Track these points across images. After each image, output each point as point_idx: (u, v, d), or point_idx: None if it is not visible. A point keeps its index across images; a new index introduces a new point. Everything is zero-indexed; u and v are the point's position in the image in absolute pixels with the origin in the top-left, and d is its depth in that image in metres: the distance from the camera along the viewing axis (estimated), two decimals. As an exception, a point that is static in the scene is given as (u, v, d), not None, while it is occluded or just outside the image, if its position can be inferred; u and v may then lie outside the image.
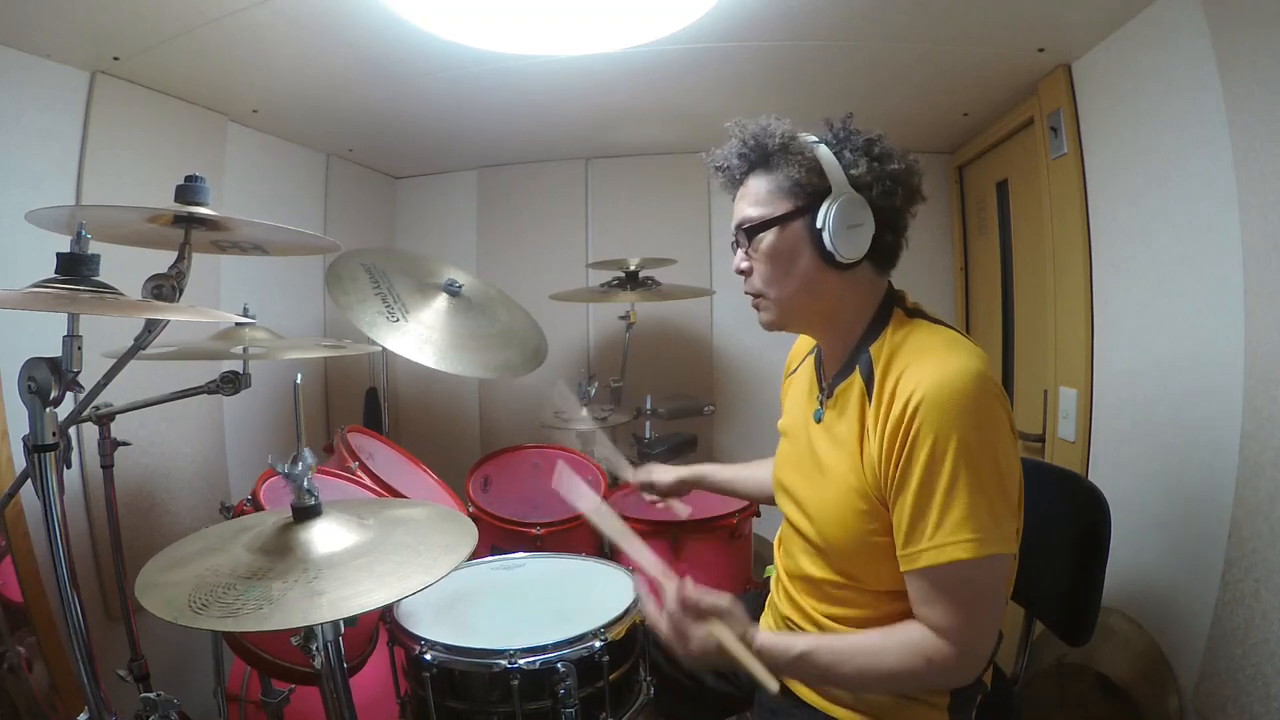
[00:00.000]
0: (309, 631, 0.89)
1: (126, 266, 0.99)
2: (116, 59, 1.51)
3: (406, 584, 0.82)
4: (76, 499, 1.53)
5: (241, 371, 1.38)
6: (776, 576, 1.18)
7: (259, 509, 1.25)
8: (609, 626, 1.04)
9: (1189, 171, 1.33)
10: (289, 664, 1.21)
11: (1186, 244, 1.35)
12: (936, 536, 0.84)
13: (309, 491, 0.92)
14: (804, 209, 0.96)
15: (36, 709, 1.31)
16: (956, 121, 2.20)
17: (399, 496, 1.53)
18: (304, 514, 0.92)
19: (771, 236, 0.98)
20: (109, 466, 1.37)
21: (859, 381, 0.97)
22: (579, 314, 2.73)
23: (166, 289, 0.98)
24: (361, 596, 0.79)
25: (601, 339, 2.74)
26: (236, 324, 1.41)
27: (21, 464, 1.11)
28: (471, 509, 1.71)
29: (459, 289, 1.97)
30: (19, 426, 1.02)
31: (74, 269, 0.85)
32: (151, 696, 1.07)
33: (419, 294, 1.90)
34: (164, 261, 1.02)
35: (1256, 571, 1.15)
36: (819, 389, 1.08)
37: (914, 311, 1.01)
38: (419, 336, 1.76)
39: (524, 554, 1.40)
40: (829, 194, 0.94)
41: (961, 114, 2.12)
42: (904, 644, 0.88)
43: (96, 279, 0.87)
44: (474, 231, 2.81)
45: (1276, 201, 1.11)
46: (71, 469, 1.31)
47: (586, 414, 2.13)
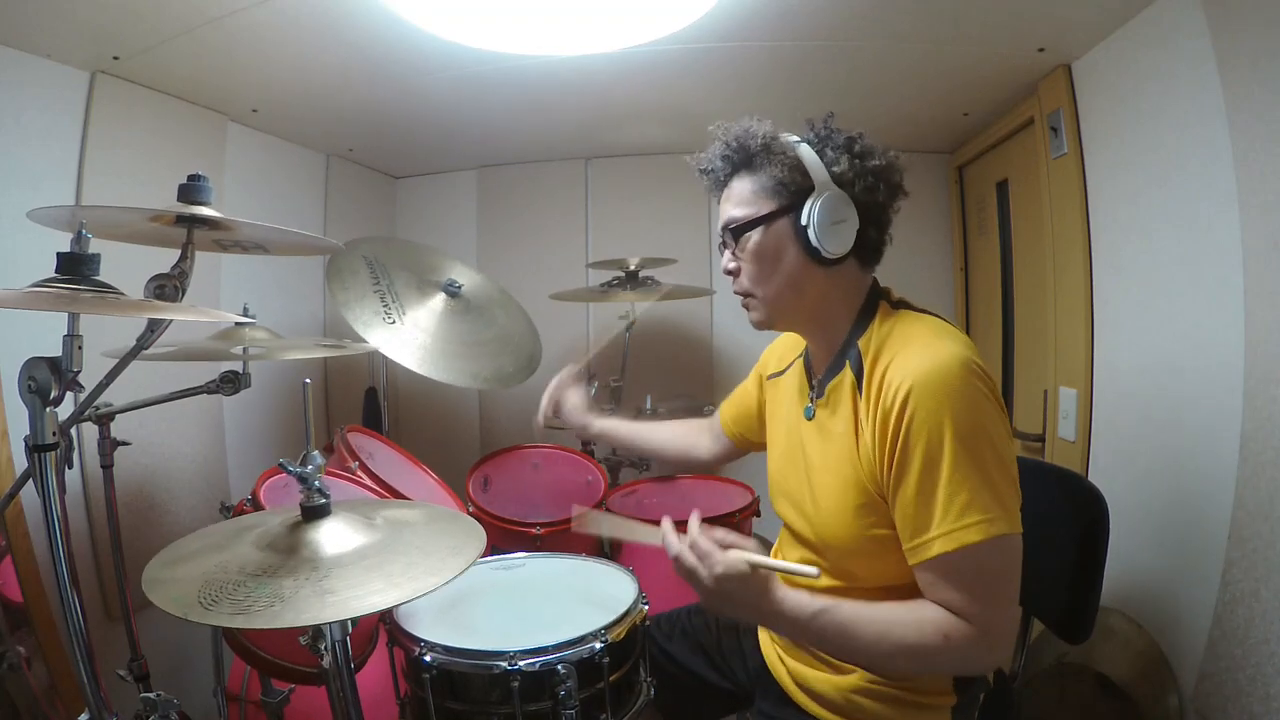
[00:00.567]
0: (317, 631, 0.89)
1: (126, 266, 0.99)
2: (116, 59, 1.51)
3: (417, 585, 0.81)
4: (76, 499, 1.53)
5: (241, 371, 1.38)
6: None
7: (259, 509, 1.25)
8: (609, 627, 1.03)
9: (1189, 171, 1.33)
10: (289, 664, 1.21)
11: (1186, 244, 1.35)
12: (944, 523, 0.84)
13: (319, 491, 0.92)
14: (788, 207, 0.97)
15: (36, 709, 1.31)
16: (956, 121, 2.20)
17: (399, 496, 1.53)
18: (313, 513, 0.92)
19: (757, 235, 0.99)
20: (109, 466, 1.37)
21: (849, 375, 0.98)
22: (579, 314, 2.73)
23: (169, 289, 0.98)
24: (373, 596, 0.79)
25: (601, 339, 2.74)
26: (236, 324, 1.41)
27: (22, 464, 1.12)
28: (471, 509, 1.70)
29: (458, 289, 1.97)
30: (19, 426, 1.02)
31: (74, 269, 0.85)
32: (151, 696, 1.07)
33: (418, 291, 1.89)
34: (164, 260, 1.01)
35: (1256, 571, 1.15)
36: (809, 388, 1.08)
37: (899, 304, 1.02)
38: (413, 340, 1.75)
39: (524, 554, 1.40)
40: (812, 191, 0.96)
41: (961, 114, 2.12)
42: (922, 619, 0.87)
43: (97, 278, 0.87)
44: (474, 231, 2.81)
45: (1276, 201, 1.11)
46: (72, 469, 1.31)
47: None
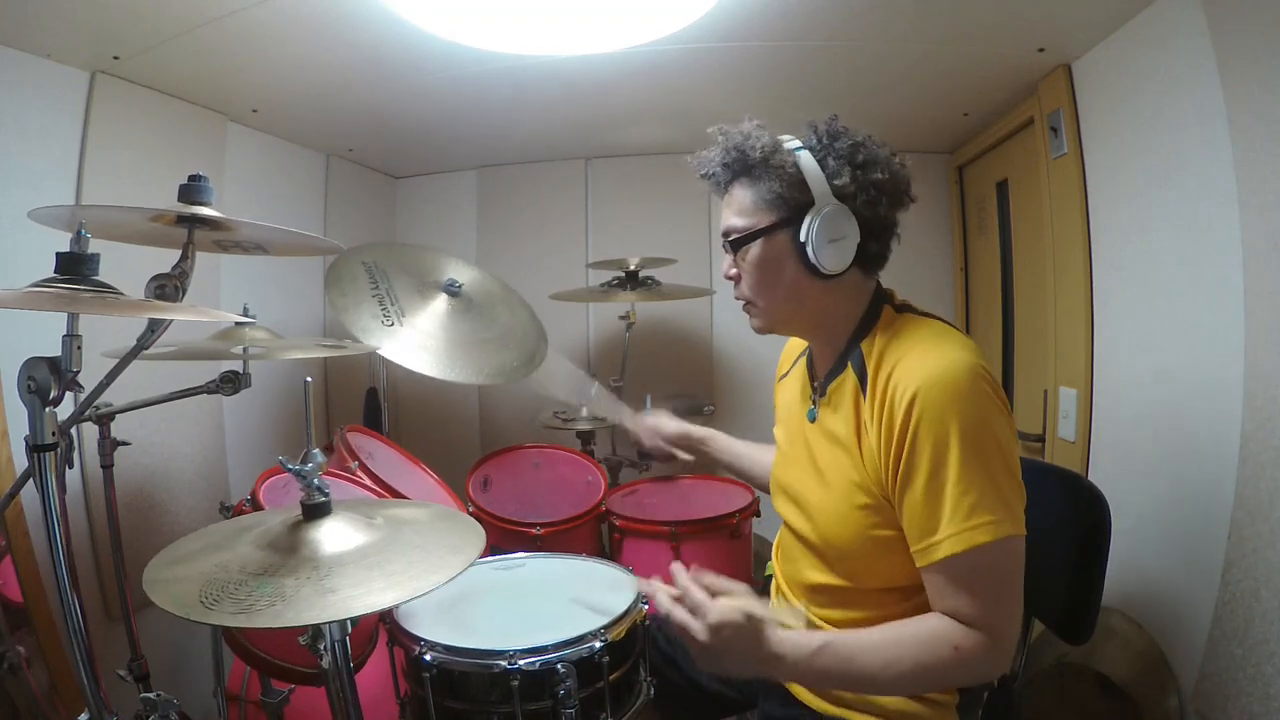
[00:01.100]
0: (316, 631, 0.89)
1: (126, 266, 0.99)
2: (116, 59, 1.51)
3: (419, 584, 0.81)
4: (76, 499, 1.53)
5: (241, 371, 1.38)
6: (775, 585, 1.18)
7: (258, 509, 1.25)
8: (609, 627, 1.03)
9: (1189, 171, 1.33)
10: (289, 664, 1.21)
11: (1186, 244, 1.35)
12: (953, 525, 0.84)
13: (320, 489, 0.92)
14: (787, 220, 0.96)
15: (36, 709, 1.31)
16: (956, 121, 2.19)
17: (399, 496, 1.53)
18: (314, 512, 0.92)
19: (756, 248, 0.98)
20: (109, 466, 1.37)
21: (852, 377, 0.98)
22: (579, 314, 2.73)
23: (170, 289, 0.98)
24: (374, 595, 0.79)
25: (601, 339, 2.75)
26: (236, 324, 1.41)
27: (22, 464, 1.12)
28: (471, 509, 1.70)
29: (459, 289, 1.97)
30: (19, 426, 1.02)
31: (74, 268, 0.85)
32: (151, 696, 1.07)
33: (418, 295, 1.89)
34: (164, 260, 1.01)
35: (1256, 571, 1.15)
36: (811, 389, 1.08)
37: (902, 307, 1.02)
38: (414, 342, 1.75)
39: (524, 554, 1.40)
40: (812, 206, 0.94)
41: (961, 114, 2.12)
42: (929, 633, 0.86)
43: (97, 278, 0.87)
44: (474, 231, 2.81)
45: (1276, 201, 1.11)
46: (72, 469, 1.31)
47: (586, 413, 2.13)
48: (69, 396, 0.89)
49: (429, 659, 1.00)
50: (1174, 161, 1.37)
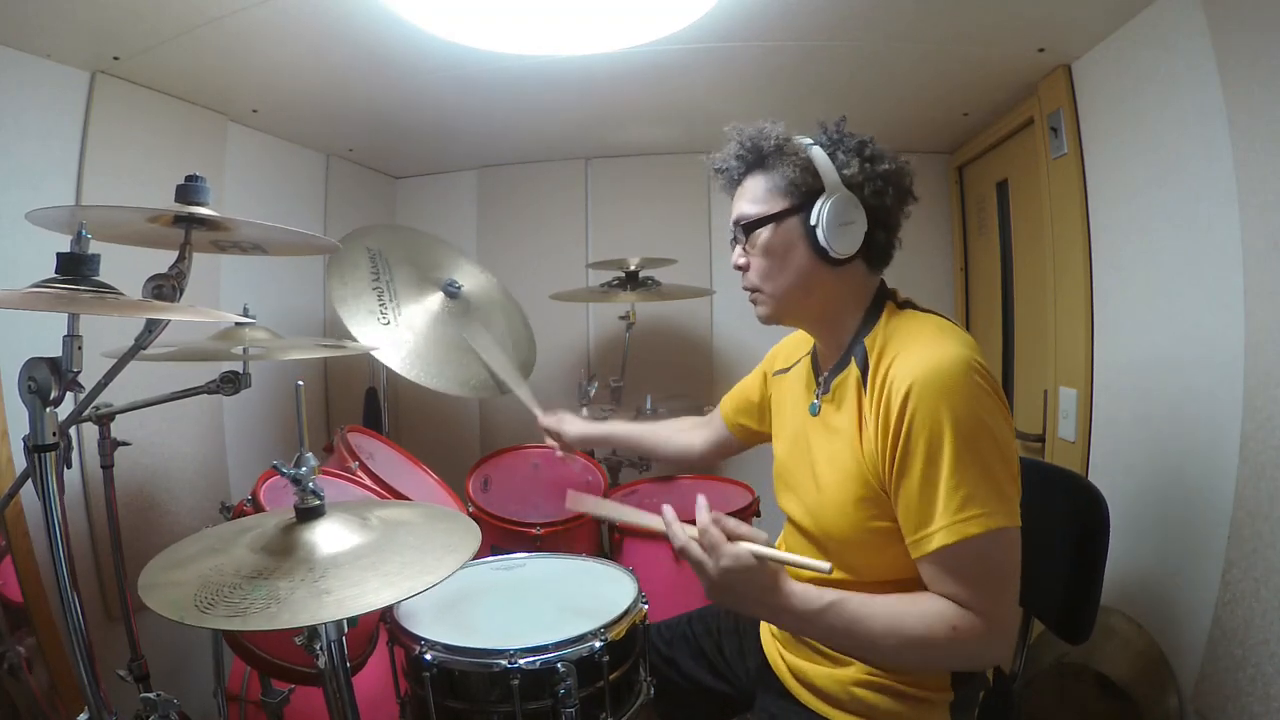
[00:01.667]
0: (312, 631, 0.89)
1: (126, 266, 0.99)
2: (116, 59, 1.51)
3: (413, 583, 0.81)
4: (76, 499, 1.53)
5: (241, 371, 1.38)
6: None
7: (259, 509, 1.25)
8: (609, 626, 1.04)
9: (1189, 171, 1.33)
10: (289, 664, 1.21)
11: (1186, 244, 1.35)
12: (945, 517, 0.85)
13: (313, 492, 0.92)
14: (799, 206, 1.00)
15: (36, 709, 1.31)
16: (956, 121, 2.20)
17: (399, 497, 1.53)
18: (308, 514, 0.92)
19: (767, 233, 1.01)
20: (109, 466, 1.37)
21: (855, 371, 1.00)
22: (579, 314, 2.73)
23: (167, 289, 0.98)
24: (369, 595, 0.79)
25: (601, 339, 2.75)
26: (236, 324, 1.41)
27: (21, 464, 1.12)
28: (471, 509, 1.71)
29: (458, 290, 1.96)
30: (19, 426, 1.02)
31: (74, 269, 0.85)
32: (151, 696, 1.07)
33: (417, 290, 1.89)
34: (164, 261, 1.02)
35: (1256, 571, 1.15)
36: (815, 384, 1.10)
37: (905, 304, 1.05)
38: (407, 345, 1.75)
39: (524, 554, 1.40)
40: (823, 193, 0.98)
41: (961, 114, 2.12)
42: (929, 610, 0.88)
43: (96, 279, 0.87)
44: (474, 231, 2.81)
45: (1276, 201, 1.11)
46: (71, 469, 1.31)
47: (586, 413, 2.12)
48: (69, 396, 0.89)
49: (429, 658, 1.00)
50: (1174, 161, 1.37)
